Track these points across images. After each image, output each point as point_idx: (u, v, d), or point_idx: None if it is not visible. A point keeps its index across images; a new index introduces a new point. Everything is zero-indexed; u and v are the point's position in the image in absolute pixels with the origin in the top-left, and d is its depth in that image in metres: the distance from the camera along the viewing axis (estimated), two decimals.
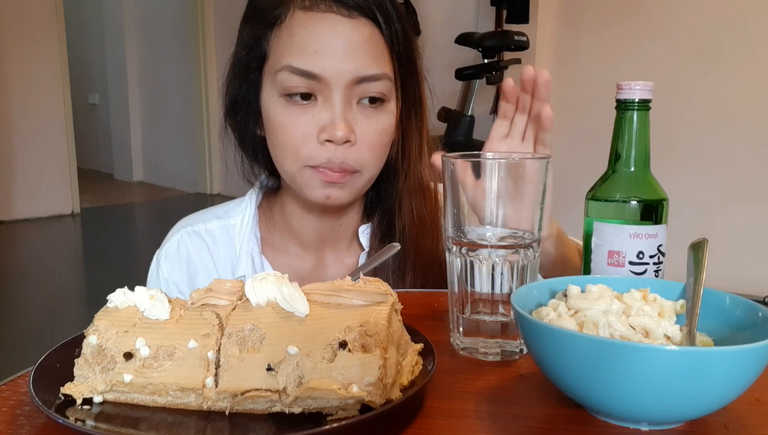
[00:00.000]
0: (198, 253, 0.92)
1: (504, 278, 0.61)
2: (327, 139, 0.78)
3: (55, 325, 2.83)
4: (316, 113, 0.79)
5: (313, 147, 0.79)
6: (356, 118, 0.79)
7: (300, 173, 0.81)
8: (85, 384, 0.51)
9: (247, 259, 0.89)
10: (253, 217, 0.92)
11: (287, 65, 0.78)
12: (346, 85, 0.78)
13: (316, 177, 0.80)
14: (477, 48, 3.23)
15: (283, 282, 0.53)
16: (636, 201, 0.68)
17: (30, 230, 4.68)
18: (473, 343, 0.62)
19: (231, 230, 0.92)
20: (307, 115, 0.79)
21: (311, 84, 0.78)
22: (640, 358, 0.43)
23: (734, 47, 2.90)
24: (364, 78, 0.78)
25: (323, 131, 0.78)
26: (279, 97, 0.79)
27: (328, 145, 0.78)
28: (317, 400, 0.48)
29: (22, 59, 4.71)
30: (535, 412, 0.52)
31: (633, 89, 0.67)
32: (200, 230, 0.92)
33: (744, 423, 0.49)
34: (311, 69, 0.77)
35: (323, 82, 0.77)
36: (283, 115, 0.80)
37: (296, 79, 0.78)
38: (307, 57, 0.77)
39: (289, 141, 0.80)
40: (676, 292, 0.58)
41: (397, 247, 0.80)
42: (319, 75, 0.77)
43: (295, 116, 0.79)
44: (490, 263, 0.61)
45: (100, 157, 6.90)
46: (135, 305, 0.54)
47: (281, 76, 0.78)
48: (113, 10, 6.29)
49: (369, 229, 0.91)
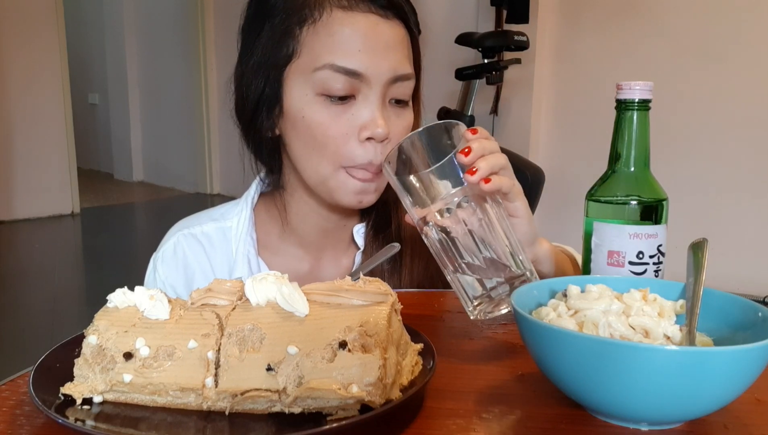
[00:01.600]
0: (194, 256, 0.91)
1: (484, 234, 0.66)
2: (368, 136, 0.78)
3: (55, 325, 2.83)
4: (355, 111, 0.78)
5: (354, 146, 0.78)
6: (389, 116, 0.80)
7: (335, 176, 0.80)
8: (85, 384, 0.51)
9: (243, 262, 0.89)
10: (249, 218, 0.91)
11: (329, 63, 0.77)
12: (384, 83, 0.78)
13: (351, 181, 0.80)
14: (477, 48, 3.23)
15: (283, 282, 0.53)
16: (636, 201, 0.68)
17: (30, 230, 4.68)
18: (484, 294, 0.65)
19: (227, 232, 0.91)
20: (347, 114, 0.78)
21: (353, 83, 0.77)
22: (640, 358, 0.43)
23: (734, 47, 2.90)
24: (399, 77, 0.79)
25: (364, 129, 0.78)
26: (315, 96, 0.78)
27: (367, 145, 0.78)
28: (317, 400, 0.48)
29: (22, 59, 4.71)
30: (535, 412, 0.52)
31: (633, 89, 0.67)
32: (196, 233, 0.92)
33: (744, 423, 0.49)
34: (356, 67, 0.77)
35: (364, 81, 0.77)
36: (321, 114, 0.78)
37: (339, 77, 0.77)
38: (351, 55, 0.77)
39: (328, 140, 0.78)
40: (676, 292, 0.58)
41: (397, 248, 0.80)
42: (362, 73, 0.77)
43: (335, 115, 0.78)
44: (461, 223, 0.66)
45: (100, 157, 6.90)
46: (135, 305, 0.54)
47: (321, 74, 0.77)
48: (113, 10, 6.29)
49: (364, 229, 0.90)
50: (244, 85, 0.84)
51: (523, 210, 0.72)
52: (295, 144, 0.82)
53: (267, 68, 0.81)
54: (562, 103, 3.50)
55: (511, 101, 3.52)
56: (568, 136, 3.47)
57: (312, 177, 0.82)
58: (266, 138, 0.85)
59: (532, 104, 3.50)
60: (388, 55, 0.78)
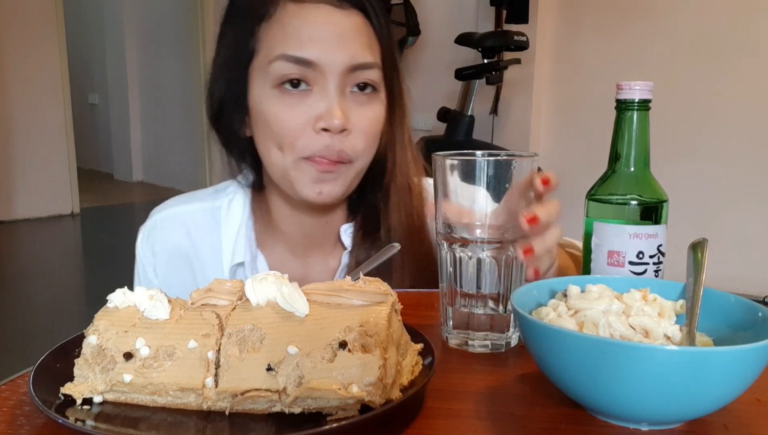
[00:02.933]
0: (174, 237, 0.90)
1: (491, 273, 0.62)
2: (324, 127, 0.77)
3: (55, 325, 2.83)
4: (311, 102, 0.78)
5: (309, 136, 0.78)
6: (350, 106, 0.79)
7: (294, 166, 0.79)
8: (85, 384, 0.51)
9: (244, 244, 0.88)
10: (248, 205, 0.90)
11: (281, 54, 0.77)
12: (341, 73, 0.78)
13: (311, 169, 0.79)
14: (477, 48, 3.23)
15: (283, 282, 0.53)
16: (636, 201, 0.68)
17: (30, 230, 4.68)
18: (463, 336, 0.64)
19: (216, 213, 0.90)
20: (303, 105, 0.78)
21: (305, 71, 0.77)
22: (640, 358, 0.43)
23: (734, 47, 2.90)
24: (357, 66, 0.79)
25: (320, 120, 0.77)
26: (272, 88, 0.79)
27: (324, 134, 0.78)
28: (317, 400, 0.48)
29: (22, 59, 4.71)
30: (535, 412, 0.52)
31: (633, 89, 0.67)
32: (181, 212, 0.92)
33: (744, 423, 0.49)
34: (306, 56, 0.77)
35: (318, 70, 0.77)
36: (277, 106, 0.79)
37: (290, 66, 0.77)
38: (301, 44, 0.77)
39: (284, 131, 0.78)
40: (676, 292, 0.58)
41: (397, 247, 0.80)
42: (314, 62, 0.77)
43: (290, 105, 0.78)
44: (475, 259, 0.62)
45: (100, 157, 6.90)
46: (135, 305, 0.54)
47: (275, 66, 0.78)
48: (113, 10, 6.29)
49: (352, 228, 0.89)
50: (213, 86, 0.85)
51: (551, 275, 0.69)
52: (259, 140, 0.83)
53: (231, 69, 0.83)
54: (562, 103, 3.50)
55: (510, 101, 3.52)
56: (568, 136, 3.47)
57: (276, 172, 0.82)
58: (241, 139, 0.86)
59: (532, 104, 3.50)
60: (344, 44, 0.78)
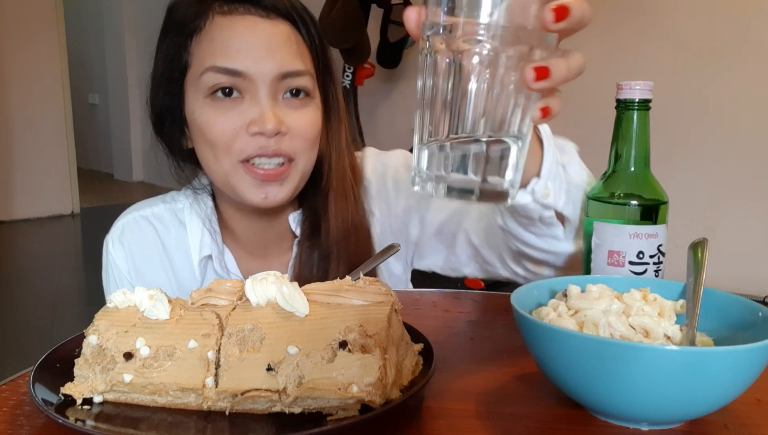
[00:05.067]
0: (144, 237, 0.92)
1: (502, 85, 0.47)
2: (257, 131, 0.78)
3: (55, 325, 2.83)
4: (244, 109, 0.79)
5: (243, 140, 0.78)
6: (284, 111, 0.80)
7: (234, 172, 0.80)
8: (85, 384, 0.51)
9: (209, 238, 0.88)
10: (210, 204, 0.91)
11: (211, 66, 0.78)
12: (271, 81, 0.79)
13: (250, 176, 0.79)
14: None
15: (283, 282, 0.53)
16: (636, 201, 0.68)
17: (30, 230, 4.68)
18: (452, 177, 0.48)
19: (180, 213, 0.92)
20: (235, 111, 0.79)
21: (236, 81, 0.78)
22: (640, 358, 0.43)
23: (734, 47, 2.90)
24: (287, 73, 0.79)
25: (253, 124, 0.78)
26: (204, 98, 0.80)
27: (258, 137, 0.78)
28: (317, 400, 0.48)
29: (22, 59, 4.71)
30: (535, 412, 0.52)
31: (633, 89, 0.67)
32: (147, 214, 0.93)
33: (744, 423, 0.49)
34: (235, 66, 0.78)
35: (248, 79, 0.78)
36: (209, 114, 0.79)
37: (221, 77, 0.78)
38: (230, 56, 0.78)
39: (218, 136, 0.79)
40: (676, 292, 0.58)
41: (397, 248, 0.80)
42: (243, 72, 0.78)
43: (223, 112, 0.79)
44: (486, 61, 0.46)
45: (100, 157, 6.90)
46: (135, 305, 0.54)
47: (205, 77, 0.79)
48: (113, 10, 6.29)
49: (300, 215, 0.89)
50: (153, 99, 0.86)
51: None
52: (198, 151, 0.83)
53: (167, 82, 0.84)
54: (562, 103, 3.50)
55: None
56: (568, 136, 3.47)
57: (218, 180, 0.83)
58: (183, 150, 0.87)
59: None
60: (271, 54, 0.79)
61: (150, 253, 0.92)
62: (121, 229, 0.93)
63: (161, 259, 0.91)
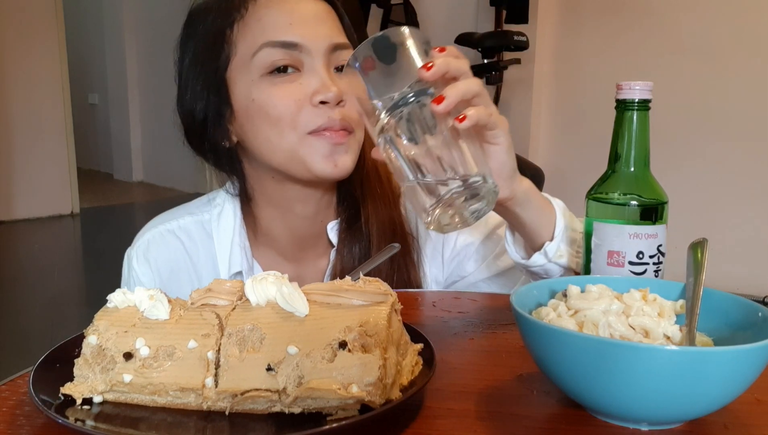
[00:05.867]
0: (171, 253, 0.89)
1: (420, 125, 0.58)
2: (321, 100, 0.77)
3: (55, 325, 2.83)
4: (303, 81, 0.79)
5: (309, 111, 0.78)
6: (338, 82, 0.80)
7: (302, 143, 0.78)
8: (85, 384, 0.51)
9: (239, 253, 0.87)
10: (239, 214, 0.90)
11: (265, 42, 0.78)
12: (325, 51, 0.79)
13: (322, 142, 0.78)
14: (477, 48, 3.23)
15: (283, 282, 0.53)
16: (636, 201, 0.68)
17: (30, 230, 4.68)
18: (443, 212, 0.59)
19: (207, 225, 0.90)
20: (295, 84, 0.79)
21: (292, 54, 0.78)
22: (640, 358, 0.43)
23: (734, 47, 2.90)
24: (337, 45, 0.81)
25: (316, 93, 0.78)
26: (260, 77, 0.79)
27: (322, 107, 0.78)
28: (317, 400, 0.48)
29: (22, 59, 4.71)
30: (535, 412, 0.52)
31: (633, 89, 0.67)
32: (173, 228, 0.90)
33: (744, 423, 0.49)
34: (291, 39, 0.78)
35: (304, 51, 0.78)
36: (269, 89, 0.79)
37: (277, 52, 0.78)
38: (283, 30, 0.79)
39: (283, 110, 0.78)
40: (676, 292, 0.58)
41: (397, 247, 0.80)
42: (299, 43, 0.78)
43: (283, 87, 0.79)
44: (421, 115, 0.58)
45: (100, 157, 6.90)
46: (135, 305, 0.54)
47: (260, 56, 0.78)
48: (113, 10, 6.29)
49: (338, 226, 0.89)
50: (189, 105, 0.85)
51: (503, 138, 0.66)
52: (253, 135, 0.81)
53: (207, 79, 0.82)
54: (562, 103, 3.50)
55: (510, 101, 3.52)
56: (568, 136, 3.47)
57: (281, 157, 0.80)
58: (223, 149, 0.86)
59: (532, 104, 3.50)
60: (321, 25, 0.80)
61: (177, 269, 0.89)
62: (146, 245, 0.89)
63: (189, 275, 0.89)
